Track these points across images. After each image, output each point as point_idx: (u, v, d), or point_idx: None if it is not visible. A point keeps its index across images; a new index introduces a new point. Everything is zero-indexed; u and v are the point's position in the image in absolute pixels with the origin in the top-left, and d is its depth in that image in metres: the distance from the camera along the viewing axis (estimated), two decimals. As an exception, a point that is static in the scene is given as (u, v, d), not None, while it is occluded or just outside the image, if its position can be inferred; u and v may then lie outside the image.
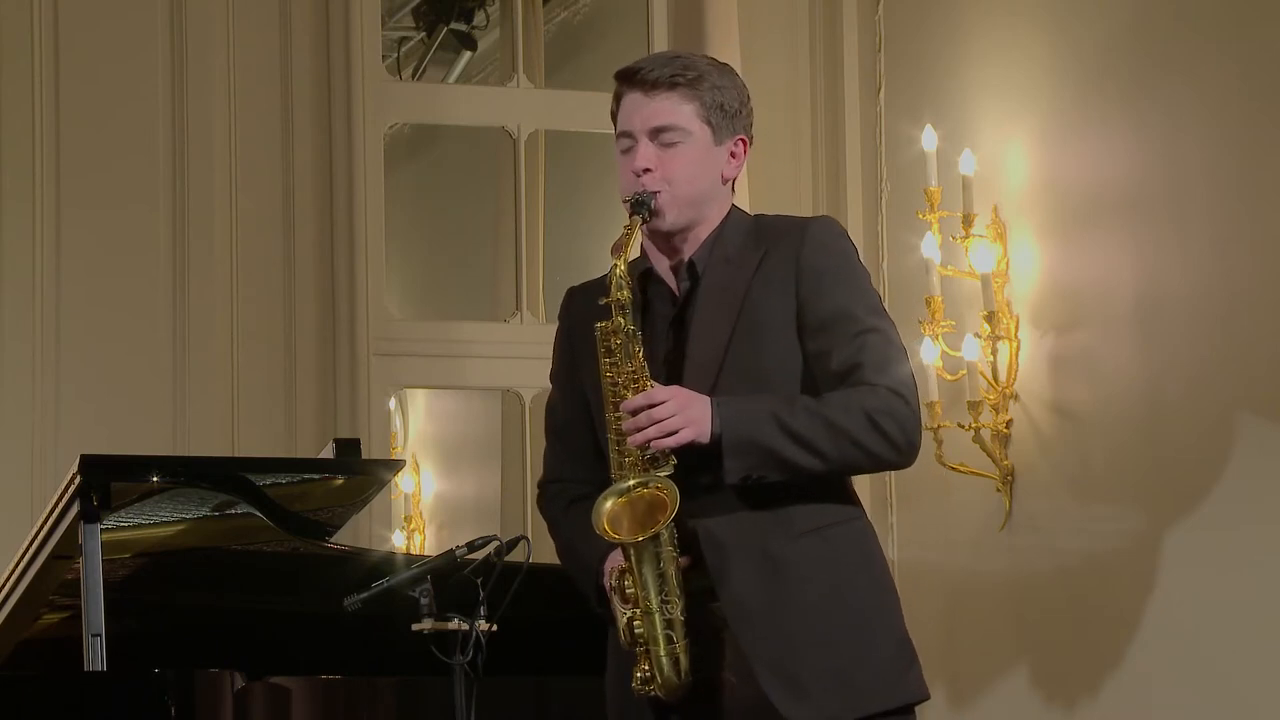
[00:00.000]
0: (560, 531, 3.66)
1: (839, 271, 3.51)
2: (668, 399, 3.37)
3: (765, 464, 3.39)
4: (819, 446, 3.39)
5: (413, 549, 8.26)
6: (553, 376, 3.71)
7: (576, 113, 6.83)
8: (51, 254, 6.06)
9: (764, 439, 3.38)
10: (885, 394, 3.42)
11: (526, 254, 6.76)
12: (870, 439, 3.41)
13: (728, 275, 3.51)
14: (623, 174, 3.53)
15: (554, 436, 3.70)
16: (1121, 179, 5.63)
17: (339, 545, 4.39)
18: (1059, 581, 5.77)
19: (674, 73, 3.50)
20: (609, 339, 3.44)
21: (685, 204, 3.51)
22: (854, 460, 3.43)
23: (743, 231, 3.56)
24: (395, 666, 4.10)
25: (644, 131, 3.50)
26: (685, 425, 3.36)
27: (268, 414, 6.18)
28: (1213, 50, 5.39)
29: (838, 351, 3.44)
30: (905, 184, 6.28)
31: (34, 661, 4.45)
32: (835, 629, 3.41)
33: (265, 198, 6.26)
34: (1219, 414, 5.32)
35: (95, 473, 3.98)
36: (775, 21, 6.67)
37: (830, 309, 3.47)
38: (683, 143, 3.50)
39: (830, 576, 3.43)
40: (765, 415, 3.39)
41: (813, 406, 3.41)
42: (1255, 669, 5.23)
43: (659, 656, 3.40)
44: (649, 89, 3.51)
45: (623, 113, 3.55)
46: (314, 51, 6.34)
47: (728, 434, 3.37)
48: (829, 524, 3.47)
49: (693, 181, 3.51)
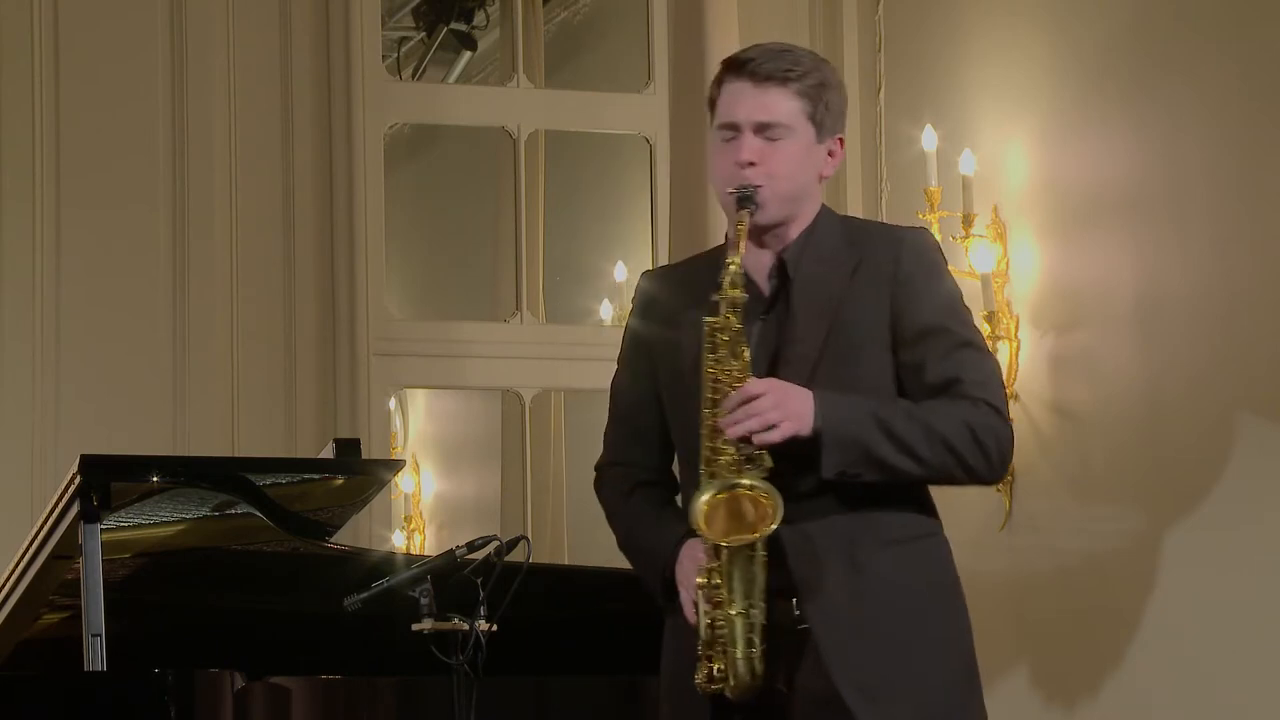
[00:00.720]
0: (621, 519, 3.59)
1: (935, 285, 3.49)
2: (766, 391, 3.33)
3: (863, 462, 3.36)
4: (918, 451, 3.37)
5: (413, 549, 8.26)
6: (621, 363, 3.64)
7: (576, 113, 6.84)
8: (51, 254, 6.07)
9: (864, 437, 3.35)
10: (986, 409, 3.41)
11: (526, 254, 6.76)
12: (969, 452, 3.40)
13: (822, 278, 3.47)
14: (720, 164, 3.48)
15: (619, 419, 3.63)
16: (1121, 179, 5.63)
17: (339, 545, 4.39)
18: (1059, 581, 5.77)
19: (786, 67, 3.46)
20: (715, 335, 3.38)
21: (784, 200, 3.47)
22: (948, 470, 3.42)
23: (835, 233, 3.52)
24: (395, 666, 4.10)
25: (750, 124, 3.45)
26: (785, 419, 3.32)
27: (268, 414, 6.18)
28: (1213, 50, 5.39)
29: (934, 364, 3.42)
30: (905, 184, 6.28)
31: (34, 661, 4.45)
32: (914, 643, 3.39)
33: (265, 198, 6.26)
34: (1219, 414, 5.32)
35: (95, 473, 3.98)
36: (775, 21, 6.66)
37: (926, 321, 3.44)
38: (787, 139, 3.46)
39: (913, 590, 3.41)
40: (867, 413, 3.36)
41: (915, 411, 3.39)
42: (1255, 669, 5.23)
43: (736, 659, 3.35)
44: (759, 81, 3.46)
45: (727, 102, 3.49)
46: (314, 51, 6.35)
47: (828, 429, 3.34)
48: (915, 536, 3.45)
49: (793, 178, 3.48)
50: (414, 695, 4.19)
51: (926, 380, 3.42)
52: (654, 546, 3.49)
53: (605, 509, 3.64)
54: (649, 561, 3.51)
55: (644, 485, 3.58)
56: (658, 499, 3.57)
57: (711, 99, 3.53)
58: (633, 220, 7.25)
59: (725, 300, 3.38)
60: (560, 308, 7.32)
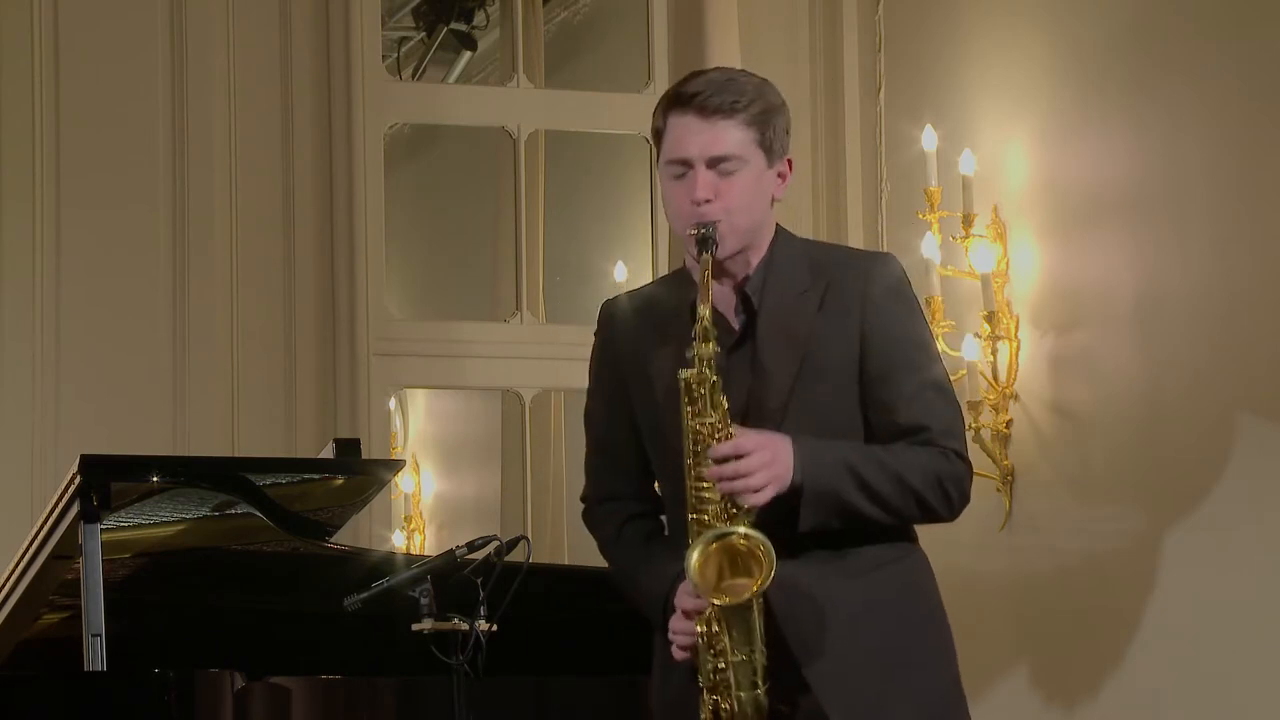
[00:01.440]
0: (615, 556, 3.61)
1: (903, 318, 3.48)
2: (755, 450, 3.33)
3: (836, 514, 3.38)
4: (889, 502, 3.41)
5: (413, 549, 8.26)
6: (592, 393, 3.65)
7: (576, 113, 6.84)
8: (51, 254, 6.06)
9: (841, 492, 3.37)
10: (954, 460, 3.46)
11: (526, 254, 6.76)
12: (936, 501, 3.45)
13: (788, 310, 3.46)
14: (675, 201, 3.45)
15: (599, 453, 3.66)
16: (1121, 179, 5.63)
17: (339, 545, 4.39)
18: (1059, 581, 5.77)
19: (732, 99, 3.42)
20: (692, 389, 3.37)
21: (742, 232, 3.44)
22: (912, 516, 3.46)
23: (796, 260, 3.51)
24: (395, 666, 4.10)
25: (702, 159, 3.42)
26: (770, 481, 3.33)
27: (268, 414, 6.18)
28: (1213, 50, 5.39)
29: (903, 408, 3.44)
30: (905, 184, 6.28)
31: (34, 661, 4.45)
32: (897, 664, 3.42)
33: (265, 198, 6.26)
34: (1219, 414, 5.32)
35: (95, 473, 3.98)
36: (775, 21, 6.66)
37: (894, 358, 3.45)
38: (740, 170, 3.43)
39: (887, 617, 3.44)
40: (843, 467, 3.38)
41: (886, 461, 3.41)
42: (1255, 669, 5.23)
43: (742, 700, 3.37)
44: (707, 115, 3.42)
45: (675, 137, 3.45)
46: (314, 51, 6.34)
47: (808, 486, 3.36)
48: (888, 561, 3.47)
49: (749, 209, 3.44)
50: (414, 695, 4.19)
51: (896, 422, 3.44)
52: (650, 588, 3.50)
53: (598, 545, 3.67)
54: (648, 603, 3.52)
55: (632, 519, 3.60)
56: (646, 532, 3.58)
57: (656, 131, 3.49)
58: (633, 220, 7.25)
59: (698, 355, 3.36)
60: (560, 308, 7.32)
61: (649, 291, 3.63)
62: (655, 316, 3.53)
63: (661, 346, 3.49)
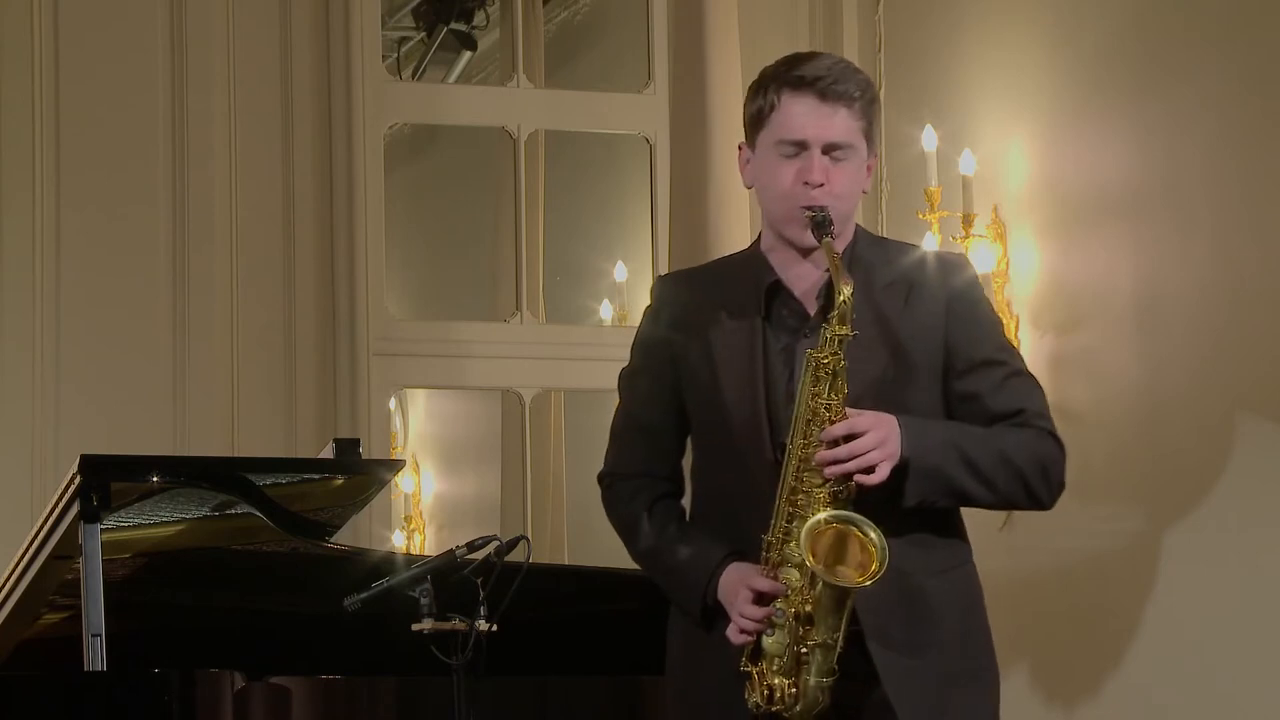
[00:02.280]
0: (643, 532, 3.55)
1: (985, 316, 3.52)
2: (870, 429, 3.32)
3: (942, 492, 3.39)
4: (994, 481, 3.42)
5: (413, 549, 8.26)
6: (638, 370, 3.59)
7: (576, 113, 6.84)
8: (51, 254, 6.07)
9: (947, 468, 3.38)
10: (1052, 443, 3.49)
11: (526, 254, 6.76)
12: (1039, 484, 3.48)
13: (873, 305, 3.45)
14: (782, 180, 3.44)
15: (638, 429, 3.59)
16: (1121, 179, 5.63)
17: (339, 545, 4.39)
18: (1059, 581, 5.77)
19: (852, 88, 3.43)
20: (820, 369, 3.34)
21: (842, 219, 3.45)
22: (1016, 499, 3.48)
23: (878, 254, 3.52)
24: (395, 666, 4.10)
25: (819, 143, 3.43)
26: (884, 459, 3.33)
27: (268, 414, 6.18)
28: (1213, 50, 5.39)
29: (993, 394, 3.46)
30: (905, 184, 6.28)
31: (34, 661, 4.45)
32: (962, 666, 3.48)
33: (265, 198, 6.26)
34: (1219, 414, 5.32)
35: (95, 473, 3.98)
36: (775, 21, 6.67)
37: (981, 353, 3.47)
38: (849, 159, 3.45)
39: (958, 615, 3.48)
40: (949, 443, 3.39)
41: (991, 440, 3.42)
42: (1255, 669, 5.23)
43: (809, 684, 3.35)
44: (829, 100, 3.43)
45: (793, 116, 3.44)
46: (314, 51, 6.35)
47: (915, 461, 3.35)
48: (957, 564, 3.51)
49: (851, 197, 3.47)
50: (414, 695, 4.19)
51: (990, 409, 3.46)
52: (691, 568, 3.46)
53: (619, 522, 3.60)
54: (683, 582, 3.48)
55: (662, 499, 3.56)
56: (678, 513, 3.56)
57: (760, 108, 3.48)
58: (633, 220, 7.25)
59: (834, 333, 3.34)
60: (560, 308, 7.32)
61: (714, 268, 3.63)
62: (723, 293, 3.51)
63: (728, 320, 3.47)
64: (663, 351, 3.55)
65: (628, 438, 3.61)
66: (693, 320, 3.51)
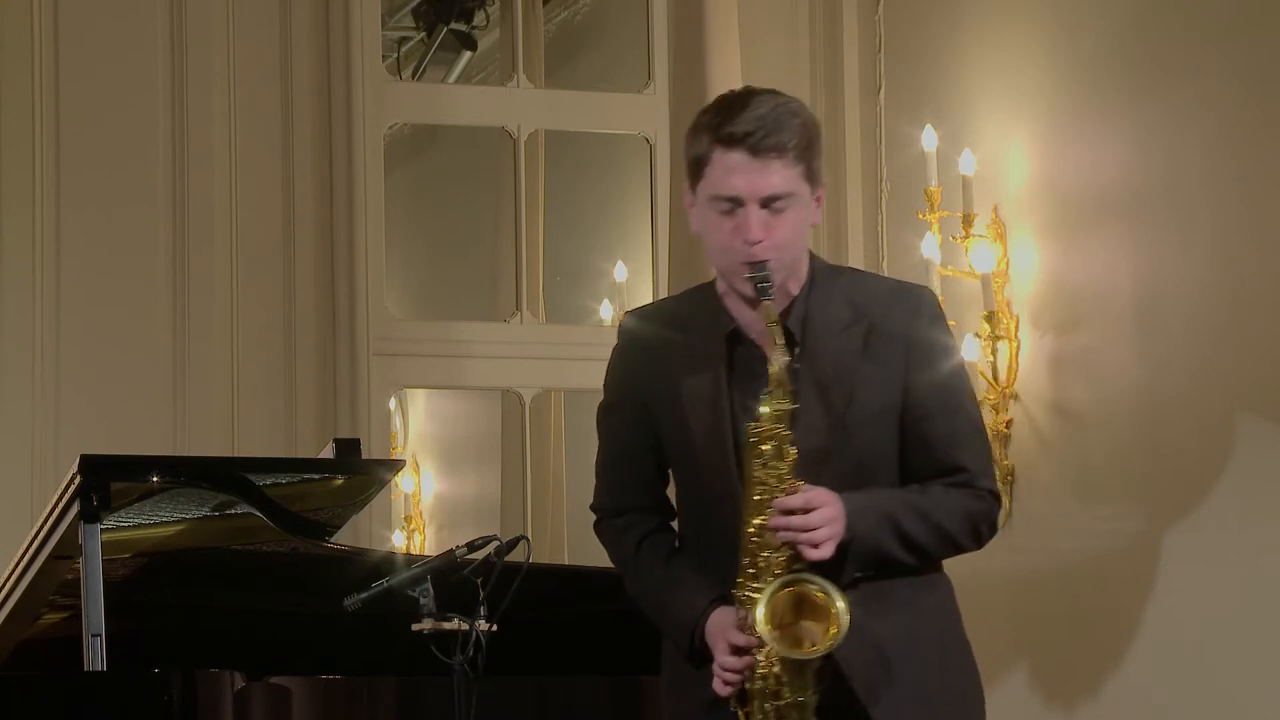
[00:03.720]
0: (637, 575, 3.55)
1: (945, 360, 3.48)
2: (823, 506, 3.34)
3: (875, 564, 3.41)
4: (926, 550, 3.44)
5: (413, 549, 8.26)
6: (612, 406, 3.57)
7: (576, 113, 6.84)
8: (51, 254, 6.07)
9: (883, 546, 3.40)
10: (989, 501, 3.49)
11: (526, 254, 6.76)
12: (966, 541, 3.50)
13: (830, 351, 3.43)
14: (721, 236, 3.40)
15: (615, 465, 3.58)
16: (1121, 179, 5.63)
17: (339, 545, 4.39)
18: (1059, 581, 5.77)
19: (787, 138, 3.36)
20: (763, 440, 3.34)
21: (787, 266, 3.42)
22: (942, 556, 3.51)
23: (836, 291, 3.47)
24: (395, 666, 4.10)
25: (754, 199, 3.37)
26: (831, 538, 3.33)
27: (268, 414, 6.18)
28: (1213, 50, 5.39)
29: (941, 448, 3.45)
30: (905, 184, 6.28)
31: (34, 661, 4.45)
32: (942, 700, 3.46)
33: (265, 198, 6.26)
34: (1219, 414, 5.32)
35: (95, 473, 3.98)
36: (775, 21, 6.66)
37: (936, 402, 3.45)
38: (790, 208, 3.39)
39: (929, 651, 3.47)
40: (885, 521, 3.40)
41: (925, 510, 3.43)
42: (1255, 669, 5.23)
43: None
44: (762, 154, 3.36)
45: (723, 173, 3.38)
46: (314, 51, 6.34)
47: (855, 544, 3.37)
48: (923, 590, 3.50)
49: (795, 244, 3.42)
50: (414, 695, 4.19)
51: (934, 461, 3.45)
52: (678, 610, 3.47)
53: (613, 558, 3.61)
54: (673, 624, 3.49)
55: (650, 535, 3.55)
56: (666, 549, 3.55)
57: (697, 157, 3.42)
58: (633, 220, 7.25)
59: (776, 411, 3.34)
60: (560, 308, 7.32)
61: (672, 308, 3.59)
62: (682, 335, 3.49)
63: (693, 369, 3.45)
64: (633, 392, 3.54)
65: (609, 474, 3.61)
66: (659, 363, 3.50)
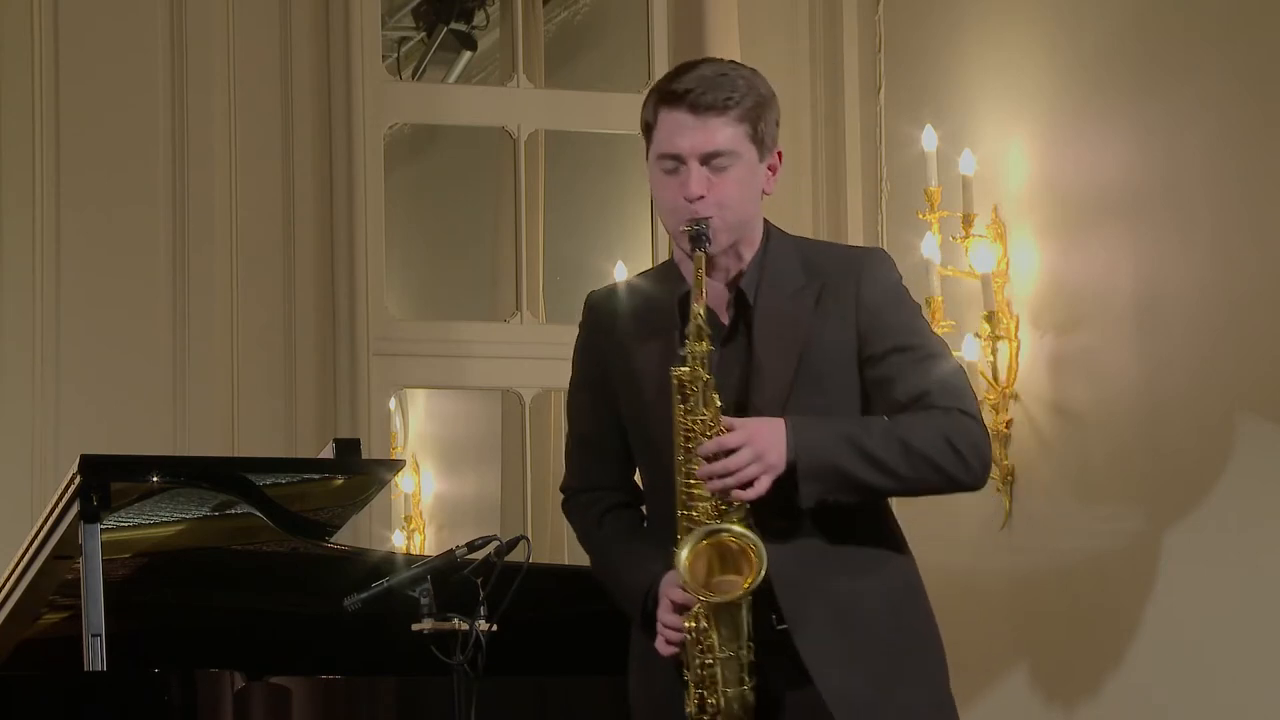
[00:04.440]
0: (595, 546, 3.61)
1: (896, 303, 3.48)
2: (742, 444, 3.31)
3: (841, 488, 3.36)
4: (896, 469, 3.37)
5: (413, 549, 8.26)
6: (577, 385, 3.63)
7: (576, 113, 6.84)
8: (51, 254, 6.06)
9: (841, 463, 3.34)
10: (959, 416, 3.40)
11: (526, 254, 6.76)
12: (947, 460, 3.39)
13: (783, 310, 3.45)
14: (666, 195, 3.46)
15: (582, 443, 3.63)
16: (1121, 179, 5.63)
17: (339, 545, 4.39)
18: (1059, 581, 5.77)
19: (725, 95, 3.41)
20: (685, 387, 3.36)
21: (734, 227, 3.44)
22: (929, 481, 3.41)
23: (789, 256, 3.50)
24: (395, 666, 4.10)
25: (695, 155, 3.42)
26: (762, 473, 3.31)
27: (268, 414, 6.18)
28: (1213, 50, 5.39)
29: (902, 380, 3.42)
30: (905, 184, 6.28)
31: (34, 661, 4.45)
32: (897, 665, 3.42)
33: (265, 198, 6.26)
34: (1219, 414, 5.32)
35: (95, 473, 3.98)
36: (775, 21, 6.67)
37: (891, 340, 3.43)
38: (733, 166, 3.42)
39: (889, 614, 3.43)
40: (841, 438, 3.35)
41: (888, 428, 3.38)
42: (1255, 669, 5.23)
43: (728, 696, 3.37)
44: (700, 111, 3.42)
45: (667, 133, 3.46)
46: (314, 51, 6.34)
47: (804, 460, 3.33)
48: (884, 559, 3.47)
49: (742, 205, 3.44)
50: (414, 695, 4.19)
51: (895, 396, 3.42)
52: (631, 582, 3.49)
53: (577, 535, 3.65)
54: (628, 596, 3.52)
55: (613, 510, 3.59)
56: (628, 523, 3.58)
57: (646, 124, 3.50)
58: (633, 220, 7.25)
59: (692, 352, 3.35)
60: (560, 308, 7.32)
61: (635, 284, 3.62)
62: (642, 310, 3.53)
63: (649, 341, 3.49)
64: (594, 368, 3.58)
65: (575, 452, 3.65)
66: (618, 336, 3.53)
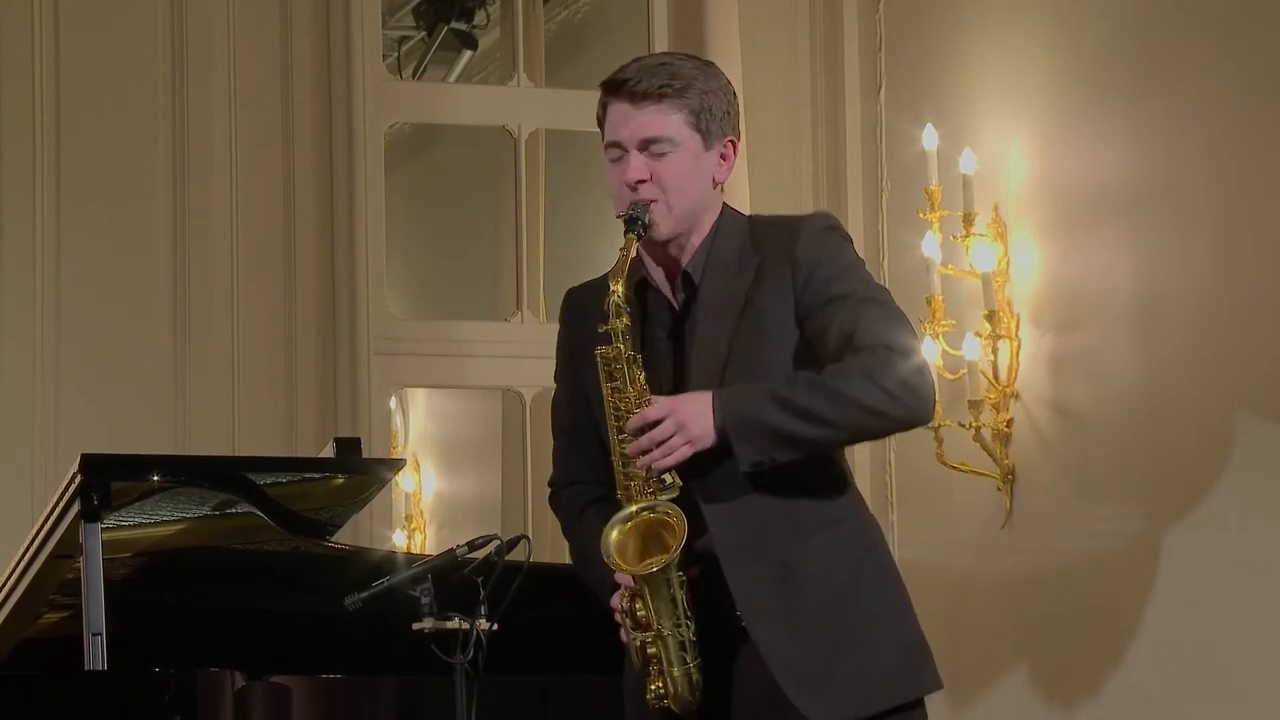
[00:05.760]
0: (575, 539, 3.68)
1: (833, 259, 3.50)
2: (664, 415, 3.38)
3: (775, 445, 3.38)
4: (825, 416, 3.37)
5: (413, 548, 8.26)
6: (557, 377, 3.72)
7: (576, 112, 6.82)
8: (51, 254, 6.06)
9: (768, 419, 3.36)
10: (883, 353, 3.39)
11: (526, 254, 6.76)
12: (876, 399, 3.37)
13: (725, 283, 3.51)
14: (614, 184, 3.53)
15: (562, 436, 3.71)
16: (1121, 179, 5.63)
17: (339, 544, 4.39)
18: (1059, 581, 5.77)
19: (661, 83, 3.50)
20: (610, 365, 3.44)
21: (680, 214, 3.51)
22: (865, 424, 3.40)
23: (738, 235, 3.55)
24: (395, 666, 4.10)
25: (633, 143, 3.50)
26: (686, 441, 3.37)
27: (268, 414, 6.18)
28: (1213, 50, 5.39)
29: (834, 328, 3.43)
30: (905, 183, 6.28)
31: (34, 661, 4.45)
32: (848, 628, 3.42)
33: (265, 198, 6.26)
34: (1219, 414, 5.32)
35: (95, 472, 3.98)
36: (775, 21, 6.66)
37: (827, 292, 3.46)
38: (673, 153, 3.50)
39: (841, 576, 3.44)
40: (765, 396, 3.38)
41: (812, 379, 3.40)
42: (1255, 668, 5.23)
43: (673, 677, 3.42)
44: (637, 100, 3.50)
45: (610, 123, 3.54)
46: (314, 51, 6.34)
47: (731, 422, 3.37)
48: (836, 521, 3.48)
49: (685, 191, 3.50)
50: (414, 695, 4.19)
51: (828, 345, 3.44)
52: (602, 572, 3.54)
53: (562, 529, 3.72)
54: (600, 586, 3.59)
55: (593, 504, 3.63)
56: (604, 517, 3.58)
57: (599, 119, 3.58)
58: (633, 220, 7.24)
59: (612, 330, 3.42)
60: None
61: (601, 280, 3.65)
62: (602, 304, 3.55)
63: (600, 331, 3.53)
64: (569, 362, 3.66)
65: (557, 446, 3.73)
66: (581, 330, 3.59)
